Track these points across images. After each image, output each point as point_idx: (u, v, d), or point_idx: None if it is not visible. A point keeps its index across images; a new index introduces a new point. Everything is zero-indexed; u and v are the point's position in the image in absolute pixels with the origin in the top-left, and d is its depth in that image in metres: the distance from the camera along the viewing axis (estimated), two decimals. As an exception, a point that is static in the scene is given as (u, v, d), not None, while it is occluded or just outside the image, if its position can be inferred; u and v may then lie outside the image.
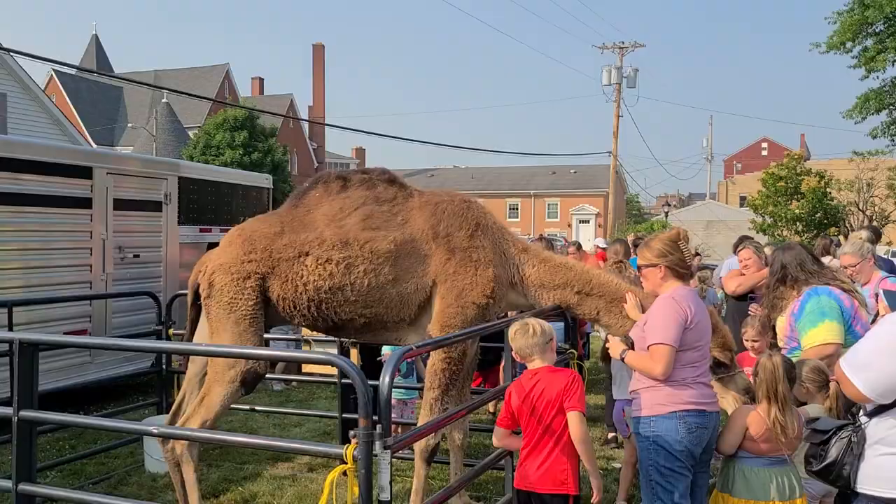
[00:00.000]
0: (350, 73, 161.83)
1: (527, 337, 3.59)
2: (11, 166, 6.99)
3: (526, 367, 3.67)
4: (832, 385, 3.90)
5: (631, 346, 3.83)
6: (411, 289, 4.49)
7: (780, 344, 4.66)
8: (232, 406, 6.60)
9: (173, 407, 5.00)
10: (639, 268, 4.05)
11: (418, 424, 4.44)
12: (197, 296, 4.72)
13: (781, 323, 4.64)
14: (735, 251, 10.75)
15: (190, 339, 4.87)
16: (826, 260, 6.67)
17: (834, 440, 2.97)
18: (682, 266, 3.82)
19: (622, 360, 3.86)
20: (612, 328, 4.53)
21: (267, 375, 7.89)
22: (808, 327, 4.34)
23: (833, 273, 4.68)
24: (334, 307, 4.48)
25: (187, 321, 4.93)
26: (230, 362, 4.40)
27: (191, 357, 4.97)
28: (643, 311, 4.21)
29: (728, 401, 3.99)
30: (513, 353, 3.76)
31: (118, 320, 8.10)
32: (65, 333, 7.31)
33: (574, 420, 3.43)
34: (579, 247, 11.21)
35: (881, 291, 3.50)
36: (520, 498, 3.67)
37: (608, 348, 4.11)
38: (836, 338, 4.25)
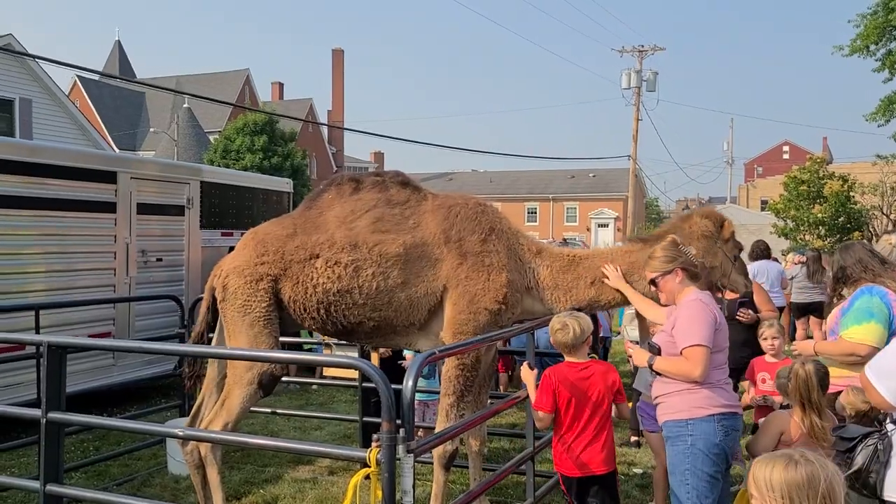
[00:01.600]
0: (370, 76, 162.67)
1: (568, 333, 3.87)
2: (38, 171, 7.12)
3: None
4: (843, 392, 3.85)
5: (657, 351, 3.76)
6: (421, 293, 4.44)
7: (818, 336, 4.66)
8: (253, 409, 6.67)
9: (193, 409, 5.04)
10: (651, 283, 3.96)
11: (436, 430, 4.43)
12: (215, 299, 4.73)
13: (833, 313, 4.62)
14: (751, 258, 10.66)
15: (198, 342, 4.84)
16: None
17: (860, 447, 2.94)
18: (692, 265, 3.86)
19: (650, 367, 3.79)
20: (640, 304, 4.43)
21: (284, 378, 8.00)
22: (851, 323, 4.29)
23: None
24: (342, 310, 4.46)
25: (198, 323, 4.92)
26: (248, 365, 4.42)
27: (209, 360, 5.00)
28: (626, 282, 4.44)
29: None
30: (552, 341, 4.03)
31: (141, 323, 8.19)
32: (89, 336, 7.42)
33: (626, 408, 4.14)
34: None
35: None
36: (571, 485, 3.87)
37: (630, 357, 4.10)
38: (876, 341, 4.17)
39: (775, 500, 2.13)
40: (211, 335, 4.94)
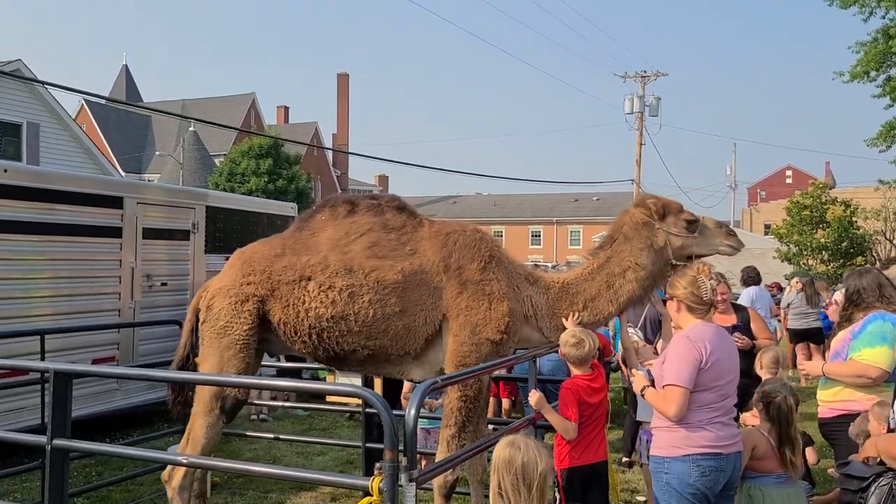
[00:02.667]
0: (375, 100, 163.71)
1: (583, 348, 4.16)
2: (45, 196, 7.19)
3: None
4: (859, 420, 3.93)
5: (653, 381, 3.83)
6: (419, 322, 4.33)
7: (827, 355, 4.79)
8: (256, 434, 6.68)
9: (183, 438, 4.82)
10: (664, 302, 4.14)
11: (436, 460, 4.41)
12: (198, 320, 4.58)
13: (840, 336, 4.67)
14: (743, 284, 10.58)
15: (182, 367, 4.66)
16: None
17: (874, 488, 2.93)
18: (693, 300, 3.73)
19: (643, 395, 3.87)
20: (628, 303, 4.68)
21: (272, 403, 7.95)
22: (864, 346, 4.38)
23: None
24: (336, 337, 4.32)
25: (181, 346, 4.72)
26: (215, 390, 4.29)
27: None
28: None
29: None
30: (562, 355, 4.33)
31: (145, 347, 8.21)
32: (93, 361, 7.45)
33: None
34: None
35: None
36: (574, 477, 4.17)
37: (632, 381, 4.18)
38: (887, 364, 4.28)
39: (495, 472, 2.68)
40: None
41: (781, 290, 18.71)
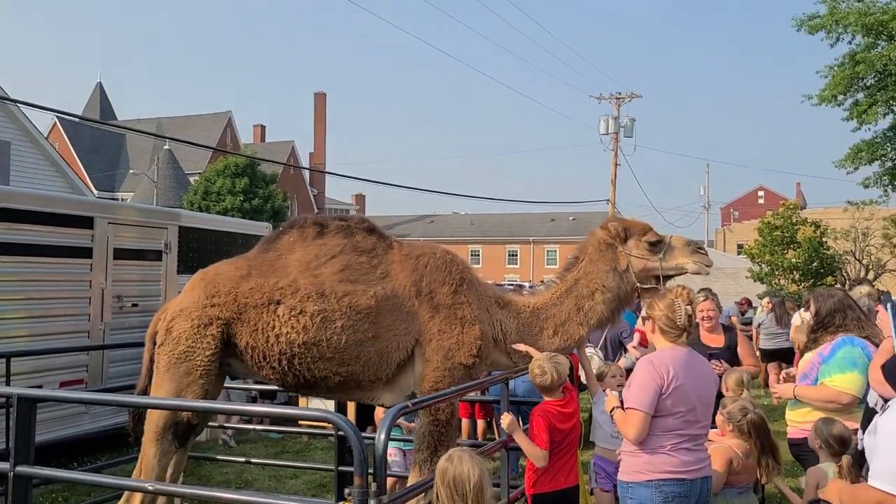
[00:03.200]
0: (353, 119, 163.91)
1: (546, 378, 4.13)
2: (15, 217, 7.08)
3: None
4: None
5: (622, 403, 3.82)
6: (392, 347, 4.23)
7: (793, 376, 4.87)
8: (227, 458, 6.59)
9: (136, 466, 4.57)
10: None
11: (408, 484, 4.34)
12: (155, 344, 4.36)
13: (808, 358, 4.71)
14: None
15: (144, 394, 4.45)
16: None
17: None
18: (666, 323, 3.69)
19: (612, 416, 3.86)
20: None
21: (245, 426, 7.83)
22: (835, 371, 4.42)
23: (875, 325, 4.69)
24: (308, 363, 4.17)
25: (142, 377, 4.48)
26: (168, 415, 4.14)
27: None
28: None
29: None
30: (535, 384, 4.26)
31: (115, 370, 8.08)
32: (61, 384, 7.32)
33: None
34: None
35: (891, 313, 3.38)
36: (545, 501, 4.17)
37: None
38: (857, 391, 4.32)
39: (435, 485, 2.87)
40: None
41: (752, 305, 18.94)
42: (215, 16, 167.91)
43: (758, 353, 13.56)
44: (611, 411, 3.86)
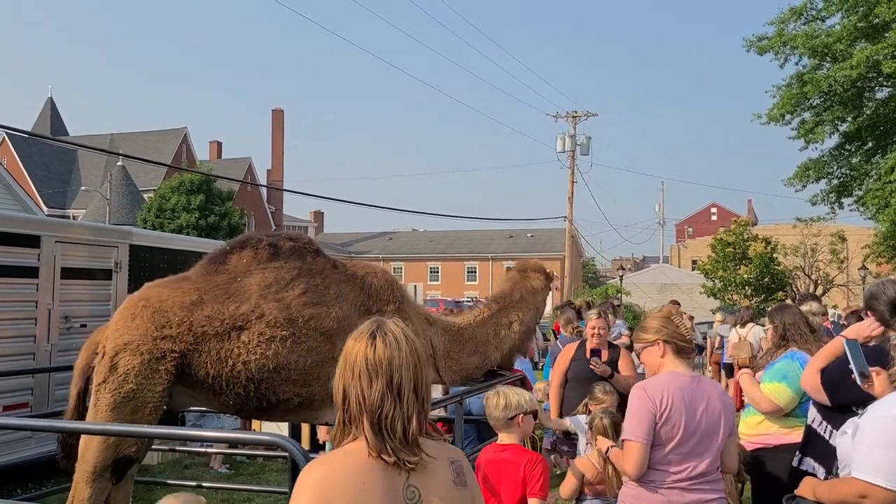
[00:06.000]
0: (311, 135, 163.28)
1: (492, 409, 3.61)
2: (-44, 236, 6.86)
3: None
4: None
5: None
6: None
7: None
8: (178, 483, 6.42)
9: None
10: (638, 355, 3.71)
11: None
12: (88, 380, 4.09)
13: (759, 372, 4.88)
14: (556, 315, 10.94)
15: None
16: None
17: None
18: (680, 339, 3.43)
19: (608, 457, 3.82)
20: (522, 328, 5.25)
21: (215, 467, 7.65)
22: (766, 380, 4.57)
23: (821, 341, 4.79)
24: (275, 386, 4.14)
25: (68, 411, 4.26)
26: (108, 448, 3.91)
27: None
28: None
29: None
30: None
31: (62, 392, 7.83)
32: (5, 408, 7.09)
33: None
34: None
35: (845, 342, 3.35)
36: None
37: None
38: (782, 402, 4.45)
39: None
40: None
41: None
42: (170, 30, 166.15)
43: (713, 367, 13.95)
44: (605, 452, 3.84)
